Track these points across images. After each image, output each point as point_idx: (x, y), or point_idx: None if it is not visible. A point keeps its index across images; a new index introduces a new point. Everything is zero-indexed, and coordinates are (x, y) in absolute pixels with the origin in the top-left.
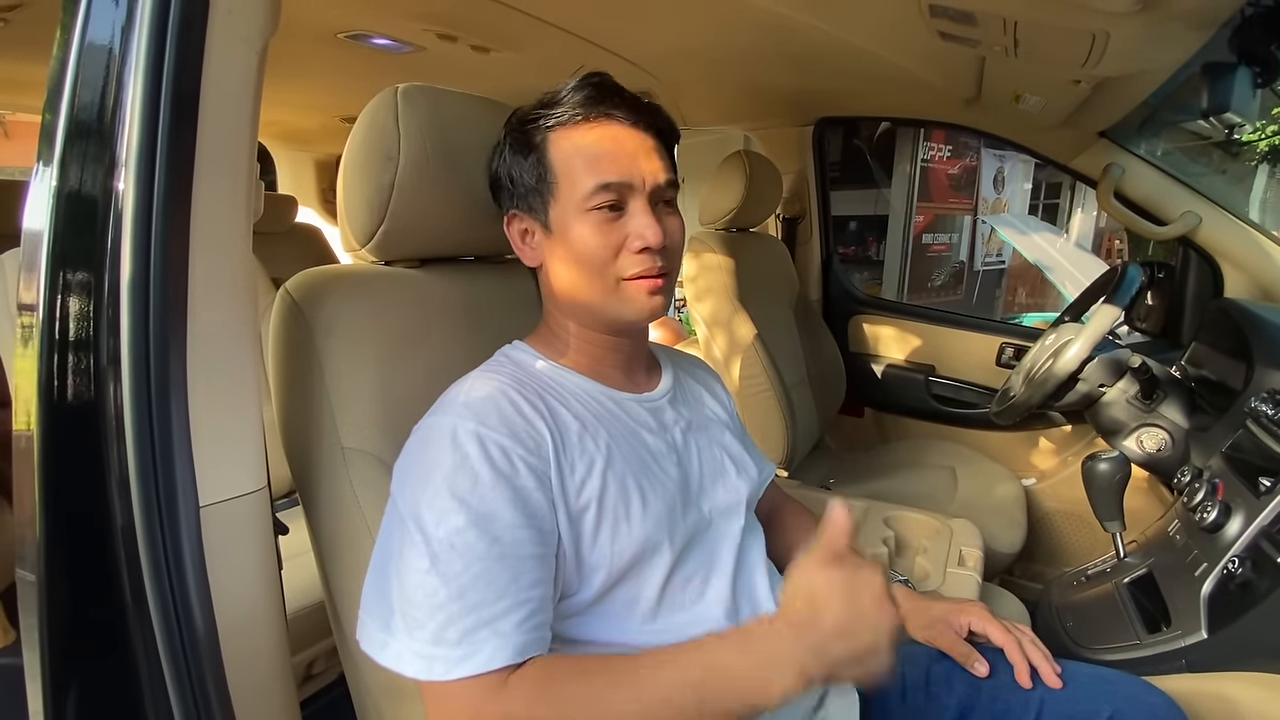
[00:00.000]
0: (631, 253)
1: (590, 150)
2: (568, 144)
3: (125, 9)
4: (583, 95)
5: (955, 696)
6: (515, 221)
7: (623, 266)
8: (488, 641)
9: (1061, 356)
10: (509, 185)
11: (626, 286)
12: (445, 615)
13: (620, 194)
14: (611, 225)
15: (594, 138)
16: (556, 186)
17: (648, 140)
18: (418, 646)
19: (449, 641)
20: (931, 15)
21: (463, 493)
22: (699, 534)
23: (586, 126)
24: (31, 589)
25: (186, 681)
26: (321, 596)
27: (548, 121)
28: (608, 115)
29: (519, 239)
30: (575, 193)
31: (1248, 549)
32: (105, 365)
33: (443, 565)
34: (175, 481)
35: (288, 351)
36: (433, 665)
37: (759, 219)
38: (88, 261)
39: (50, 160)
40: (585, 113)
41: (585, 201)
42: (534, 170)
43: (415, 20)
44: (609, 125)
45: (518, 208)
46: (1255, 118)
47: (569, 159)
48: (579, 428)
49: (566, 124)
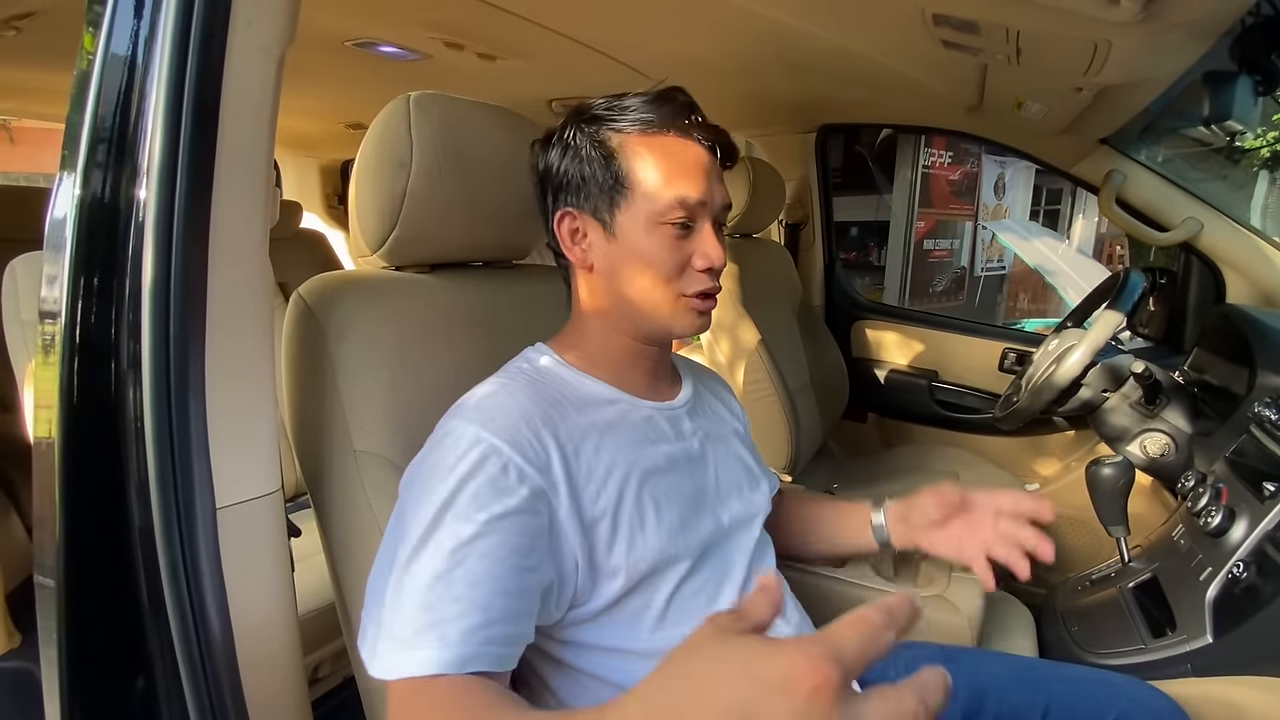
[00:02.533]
0: (696, 270)
1: (671, 163)
2: (646, 152)
3: (148, 20)
4: (665, 108)
5: (960, 700)
6: (568, 220)
7: (686, 283)
8: (430, 646)
9: (1064, 362)
10: (576, 181)
11: (686, 302)
12: (405, 615)
13: (693, 213)
14: (680, 241)
15: (675, 152)
16: (631, 192)
17: (716, 164)
18: (380, 644)
19: (400, 640)
20: (934, 24)
21: (445, 499)
22: (716, 544)
23: (664, 138)
24: (50, 594)
25: (203, 683)
26: (328, 599)
27: (623, 123)
28: (684, 131)
29: (568, 237)
30: (651, 203)
31: (1252, 553)
32: (126, 369)
33: (414, 566)
34: (193, 484)
35: (301, 355)
36: (384, 662)
37: (762, 225)
38: (109, 267)
39: (73, 168)
40: (665, 123)
41: (661, 214)
42: (605, 171)
43: (422, 28)
44: (686, 142)
45: (579, 206)
46: (1256, 125)
47: (646, 167)
48: (596, 436)
49: (644, 131)
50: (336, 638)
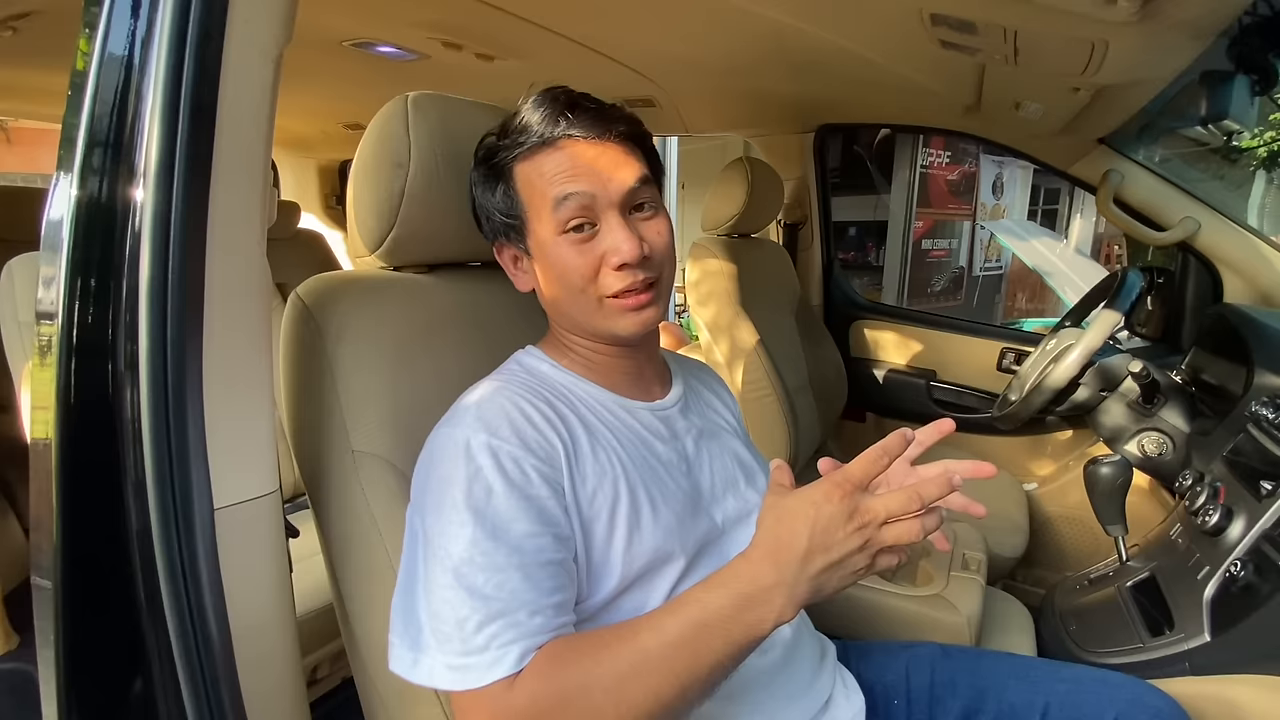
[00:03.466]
0: (611, 269)
1: (550, 175)
2: (532, 172)
3: (145, 20)
4: (540, 116)
5: (959, 699)
6: (504, 250)
7: (604, 285)
8: (515, 644)
9: (1062, 362)
10: (486, 219)
11: (610, 304)
12: (473, 624)
13: (587, 212)
14: (586, 245)
15: (553, 162)
16: (526, 215)
17: (609, 148)
18: (449, 659)
19: (477, 649)
20: (932, 24)
21: (479, 505)
22: (710, 543)
23: (547, 152)
24: (47, 595)
25: (201, 684)
26: (326, 600)
27: (511, 154)
28: (568, 136)
29: (511, 265)
30: (542, 220)
31: (1250, 552)
32: (123, 370)
33: (465, 579)
34: (191, 484)
35: (299, 356)
36: (465, 675)
37: (761, 225)
38: (107, 268)
39: (70, 168)
40: (544, 136)
41: (557, 226)
42: (505, 202)
43: (420, 28)
44: (569, 145)
45: (501, 239)
46: (1253, 125)
47: (534, 187)
48: (591, 437)
49: (528, 152)
50: (335, 639)
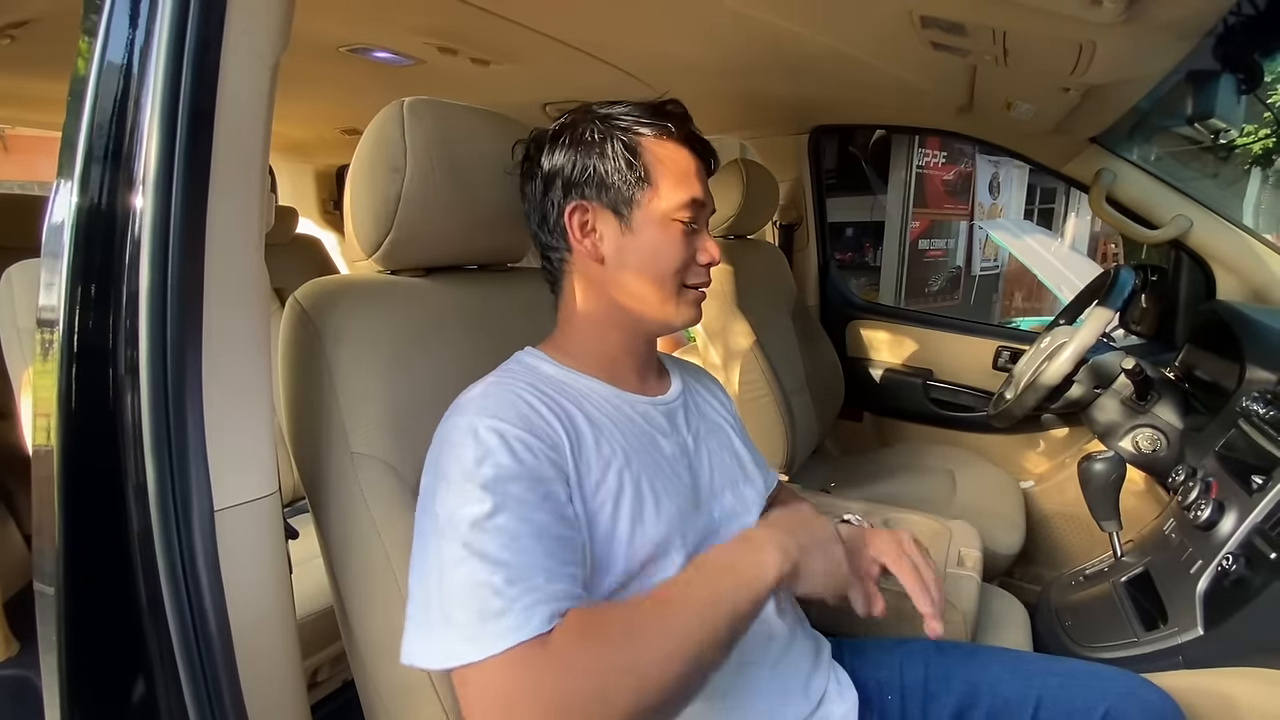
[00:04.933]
0: (699, 265)
1: (683, 166)
2: (662, 153)
3: (143, 28)
4: (667, 115)
5: (953, 695)
6: (579, 213)
7: (689, 276)
8: (538, 606)
9: (1056, 359)
10: (596, 177)
11: (687, 294)
12: (489, 590)
13: (698, 213)
14: (688, 238)
15: (683, 156)
16: (652, 189)
17: (704, 170)
18: (465, 632)
19: (493, 613)
20: (923, 26)
21: (488, 481)
22: (708, 538)
23: (674, 144)
24: (50, 601)
25: (202, 687)
26: (326, 603)
27: (641, 126)
28: (687, 142)
29: (578, 230)
30: (667, 202)
31: (1241, 546)
32: (124, 375)
33: (478, 547)
34: (191, 486)
35: (297, 359)
36: (481, 644)
37: (756, 226)
38: (106, 274)
39: (70, 175)
40: (672, 132)
41: (674, 212)
42: (628, 168)
43: (416, 34)
44: (687, 150)
45: (597, 200)
46: (1240, 123)
47: (664, 168)
48: (595, 429)
49: (659, 135)
50: (335, 641)
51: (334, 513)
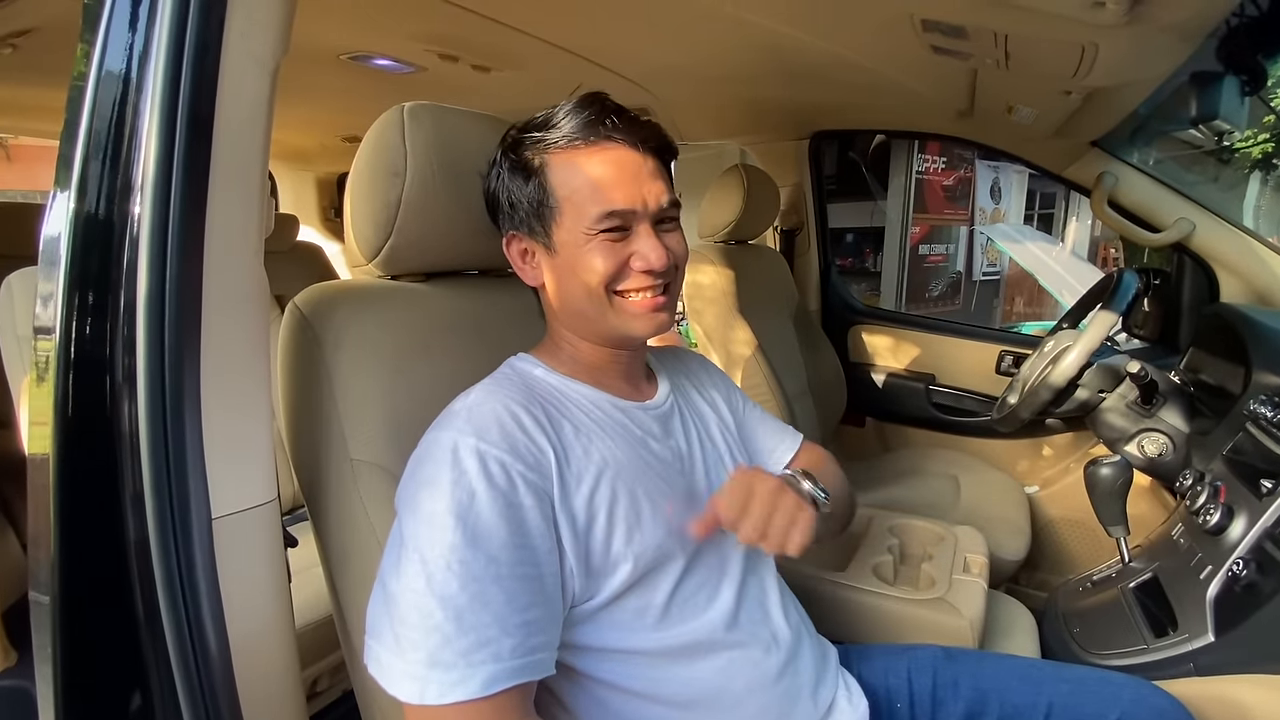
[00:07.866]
0: (635, 272)
1: (594, 176)
2: (570, 168)
3: (142, 34)
4: (583, 117)
5: (962, 701)
6: (515, 242)
7: (619, 284)
8: (485, 665)
9: (1060, 363)
10: (508, 208)
11: (624, 304)
12: (441, 636)
13: (625, 220)
14: (616, 247)
15: (597, 162)
16: (559, 211)
17: (648, 162)
18: (411, 668)
19: (444, 664)
20: (924, 29)
21: (460, 510)
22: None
23: (588, 150)
24: (46, 611)
25: (199, 697)
26: (325, 612)
27: (546, 144)
28: (609, 138)
29: (519, 259)
30: (581, 219)
31: (1252, 550)
32: (121, 382)
33: (438, 585)
34: (189, 493)
35: (296, 365)
36: (426, 688)
37: (757, 231)
38: (104, 282)
39: (68, 183)
40: (586, 136)
41: (591, 227)
42: (535, 194)
43: (417, 41)
44: (611, 149)
45: (518, 229)
46: (1244, 125)
47: (572, 184)
48: (583, 440)
49: (566, 147)
50: (335, 651)
51: (334, 520)
